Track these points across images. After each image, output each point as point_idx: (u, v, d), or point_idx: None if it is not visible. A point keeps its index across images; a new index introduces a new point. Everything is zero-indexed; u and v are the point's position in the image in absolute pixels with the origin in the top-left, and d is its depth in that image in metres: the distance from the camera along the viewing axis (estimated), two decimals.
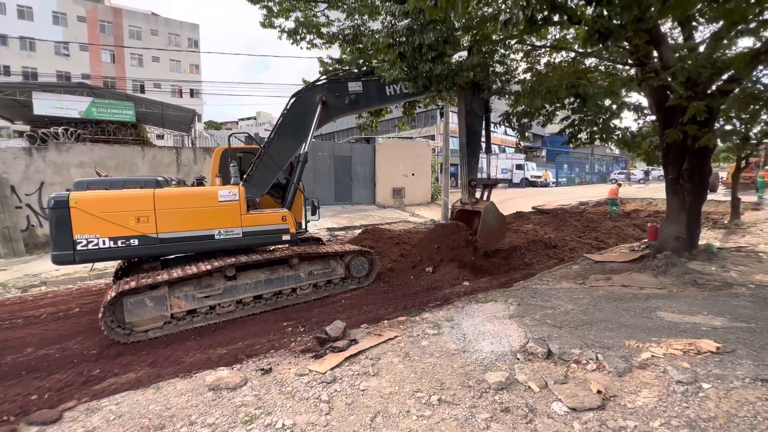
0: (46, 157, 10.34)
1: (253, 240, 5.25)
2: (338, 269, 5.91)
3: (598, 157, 44.97)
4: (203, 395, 2.99)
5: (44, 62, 33.59)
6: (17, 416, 2.96)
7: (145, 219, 4.64)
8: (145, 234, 4.65)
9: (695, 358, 2.87)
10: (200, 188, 5.33)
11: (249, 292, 5.15)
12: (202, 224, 4.91)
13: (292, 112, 5.86)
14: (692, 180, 6.28)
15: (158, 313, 4.58)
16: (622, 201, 17.48)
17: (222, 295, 4.96)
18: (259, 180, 5.57)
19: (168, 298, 4.62)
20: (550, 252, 8.21)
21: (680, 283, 5.22)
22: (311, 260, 5.68)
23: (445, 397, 2.73)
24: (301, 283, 5.55)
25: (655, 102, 6.47)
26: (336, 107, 6.17)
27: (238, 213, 5.05)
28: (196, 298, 4.80)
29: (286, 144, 5.82)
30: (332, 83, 6.19)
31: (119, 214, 4.55)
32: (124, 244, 4.59)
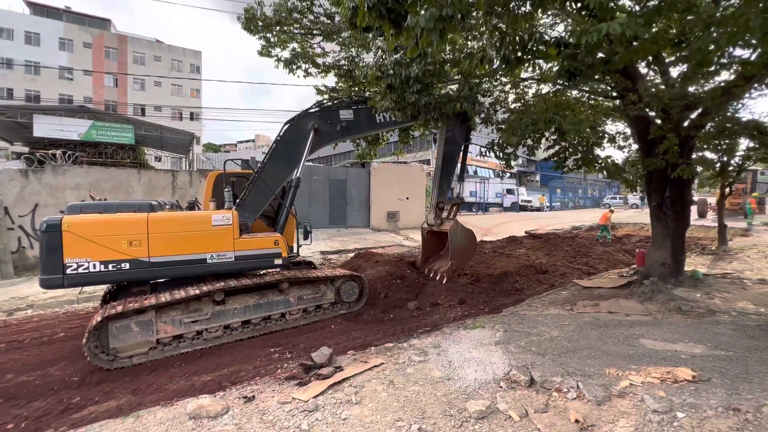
0: (42, 179, 10.43)
1: (246, 264, 5.27)
2: (328, 294, 5.90)
3: (591, 182, 45.77)
4: (183, 424, 2.96)
5: (48, 86, 34.31)
6: None
7: (137, 243, 4.65)
8: (137, 258, 4.66)
9: (672, 386, 2.90)
10: (194, 212, 5.40)
11: (237, 317, 5.12)
12: (194, 248, 4.95)
13: (285, 138, 6.03)
14: (674, 207, 6.46)
15: (144, 339, 4.53)
16: (614, 226, 17.71)
17: (210, 320, 4.93)
18: (251, 204, 5.66)
19: (154, 323, 4.58)
20: (540, 277, 8.26)
21: (665, 309, 5.28)
22: (301, 285, 5.68)
23: (426, 426, 2.73)
24: (291, 308, 5.53)
25: (636, 131, 6.74)
26: (328, 134, 6.38)
27: (231, 237, 5.11)
28: (183, 323, 4.77)
29: (279, 169, 5.95)
30: (324, 111, 6.41)
31: (112, 237, 4.57)
32: (114, 268, 4.58)
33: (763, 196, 20.50)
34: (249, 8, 7.68)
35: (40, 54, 34.30)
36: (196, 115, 40.35)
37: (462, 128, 7.31)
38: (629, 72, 5.67)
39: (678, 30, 4.60)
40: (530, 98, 8.08)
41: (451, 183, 7.68)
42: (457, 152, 7.53)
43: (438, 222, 7.50)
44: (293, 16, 7.76)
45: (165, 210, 5.42)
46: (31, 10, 36.62)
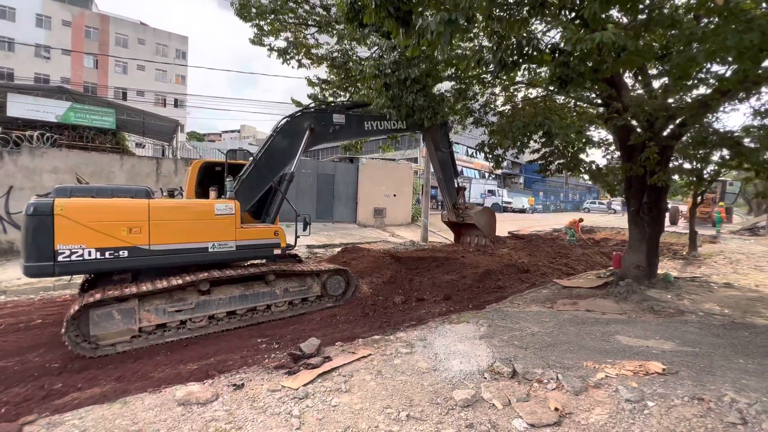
0: (18, 161, 10.01)
1: (246, 253, 5.29)
2: (314, 287, 5.93)
3: (572, 186, 47.10)
4: (172, 410, 2.97)
5: (22, 64, 32.67)
6: None
7: (138, 230, 4.52)
8: (137, 245, 4.53)
9: (643, 378, 3.11)
10: (197, 201, 5.37)
11: (222, 307, 5.08)
12: (196, 237, 4.90)
13: (282, 133, 6.14)
14: (651, 213, 6.78)
15: (126, 327, 4.43)
16: (592, 230, 18.31)
17: (194, 309, 4.86)
18: (244, 194, 5.66)
19: (137, 311, 4.49)
20: (522, 276, 8.51)
21: (639, 309, 5.56)
22: (287, 277, 5.69)
23: (414, 414, 2.84)
24: (276, 300, 5.50)
25: (618, 139, 7.03)
26: (321, 135, 6.60)
27: (234, 226, 5.10)
28: (167, 312, 4.69)
29: (274, 162, 6.03)
30: (320, 112, 6.66)
31: (110, 223, 4.40)
32: (112, 256, 4.41)
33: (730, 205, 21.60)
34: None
35: (15, 30, 32.62)
36: (181, 102, 39.26)
37: (444, 138, 8.54)
38: (615, 82, 5.92)
39: (662, 44, 4.84)
40: (519, 101, 8.30)
41: (454, 184, 9.08)
42: (447, 158, 8.72)
43: (461, 219, 9.14)
44: (288, 5, 7.69)
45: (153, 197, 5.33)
46: None
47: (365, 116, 7.20)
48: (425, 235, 14.13)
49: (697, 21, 4.57)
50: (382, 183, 17.46)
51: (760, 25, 3.10)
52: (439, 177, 8.98)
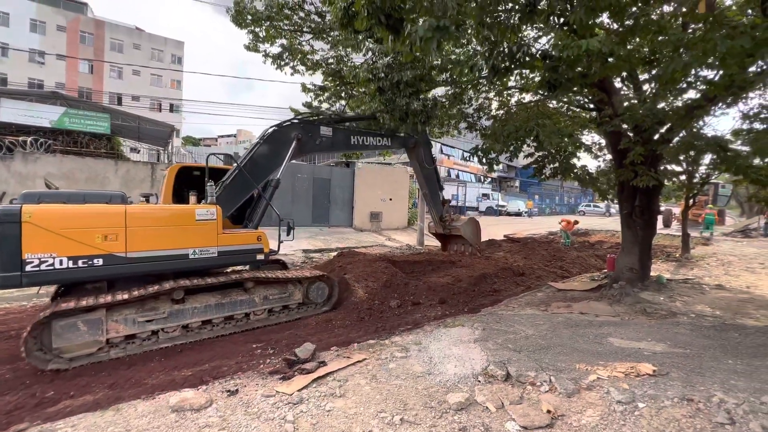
0: (11, 166, 9.98)
1: (228, 260, 5.17)
2: (296, 294, 5.73)
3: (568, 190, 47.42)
4: (166, 417, 2.96)
5: (16, 69, 32.57)
6: None
7: (113, 236, 4.31)
8: (113, 253, 4.31)
9: (635, 380, 3.14)
10: (177, 206, 5.21)
11: (197, 316, 4.85)
12: (176, 243, 4.73)
13: (269, 141, 6.13)
14: (643, 216, 6.87)
15: (91, 338, 4.16)
16: (588, 232, 18.44)
17: (167, 319, 4.63)
18: (226, 200, 5.55)
19: (104, 321, 4.22)
20: (518, 279, 8.56)
21: (632, 311, 5.62)
22: (267, 284, 5.48)
23: (408, 417, 2.85)
24: (255, 308, 5.29)
25: (610, 143, 7.13)
26: (307, 146, 6.64)
27: (215, 232, 4.97)
28: (137, 323, 4.44)
29: (259, 169, 5.97)
30: (307, 124, 6.71)
31: (83, 230, 4.17)
32: (85, 264, 4.17)
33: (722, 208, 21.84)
34: (239, 1, 7.62)
35: (9, 35, 32.53)
36: (177, 107, 39.21)
37: (427, 155, 8.91)
38: (605, 86, 6.01)
39: (650, 49, 4.94)
40: (513, 106, 8.39)
41: (440, 197, 9.44)
42: (431, 173, 9.13)
43: (447, 230, 9.53)
44: (284, 12, 7.75)
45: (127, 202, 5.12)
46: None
47: (352, 131, 7.38)
48: (421, 239, 14.16)
49: (684, 27, 4.67)
50: (378, 187, 17.52)
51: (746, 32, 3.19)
52: (425, 192, 9.38)
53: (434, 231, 9.97)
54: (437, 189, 9.41)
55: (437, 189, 9.41)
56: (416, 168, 9.00)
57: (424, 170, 8.88)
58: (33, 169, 10.19)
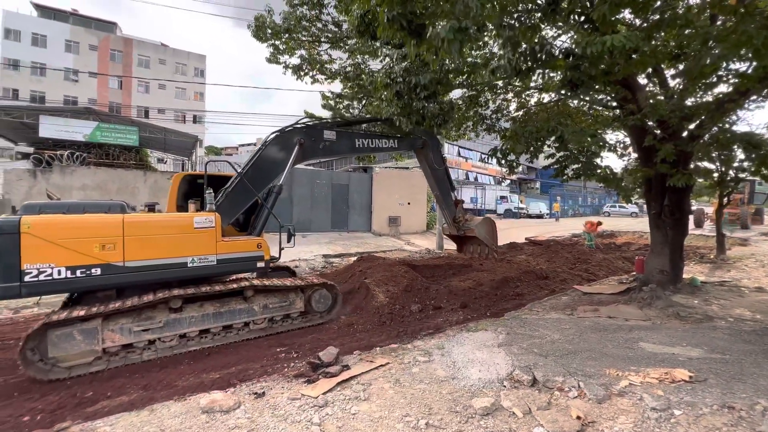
0: (50, 179, 10.58)
1: (228, 267, 5.10)
2: (297, 303, 5.57)
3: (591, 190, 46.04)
4: (197, 417, 3.05)
5: (53, 87, 34.61)
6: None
7: (111, 246, 4.29)
8: (110, 262, 4.29)
9: (669, 386, 3.02)
10: (174, 214, 5.20)
11: (194, 326, 4.78)
12: (174, 251, 4.68)
13: (271, 147, 6.07)
14: (673, 216, 6.60)
15: (87, 348, 4.16)
16: (613, 234, 17.84)
17: (163, 328, 4.58)
18: (228, 208, 5.50)
19: (100, 331, 4.21)
20: (541, 283, 8.37)
21: (664, 315, 5.39)
22: (267, 293, 5.36)
23: (433, 422, 2.83)
24: (255, 317, 5.19)
25: (635, 141, 6.90)
26: (311, 150, 6.53)
27: (214, 240, 4.91)
28: (133, 332, 4.42)
29: (261, 177, 5.89)
30: (310, 128, 6.60)
31: (81, 240, 4.16)
32: (83, 274, 4.16)
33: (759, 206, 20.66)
34: (259, 16, 7.88)
35: (47, 55, 34.66)
36: (200, 118, 40.62)
37: (437, 155, 8.62)
38: (629, 83, 5.85)
39: (677, 44, 4.78)
40: (532, 106, 8.27)
41: (452, 198, 9.21)
42: (443, 175, 8.89)
43: (462, 232, 9.27)
44: (302, 23, 7.96)
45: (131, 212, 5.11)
46: (38, 12, 37.08)
47: (357, 134, 7.22)
48: (440, 243, 14.07)
49: (711, 20, 4.51)
50: (395, 191, 17.55)
51: None
52: (437, 194, 9.12)
53: (448, 233, 9.75)
54: (449, 190, 9.19)
55: (449, 190, 9.19)
56: (426, 170, 8.82)
57: (434, 171, 8.72)
58: (70, 180, 10.77)
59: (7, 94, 32.88)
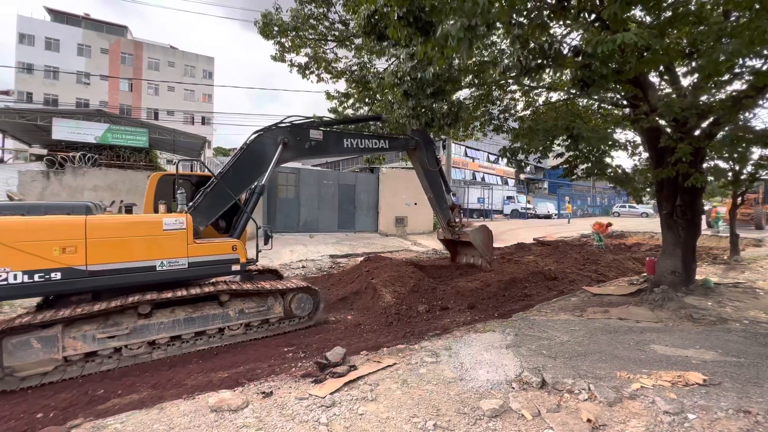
0: (63, 180, 10.77)
1: (200, 271, 4.86)
2: (276, 307, 5.34)
3: (600, 190, 45.49)
4: (206, 416, 3.08)
5: (65, 90, 35.28)
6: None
7: (72, 249, 4.06)
8: (72, 266, 4.06)
9: (683, 389, 2.96)
10: (142, 215, 4.96)
11: (164, 332, 4.54)
12: (141, 255, 4.46)
13: (253, 147, 5.84)
14: (685, 216, 6.48)
15: (46, 356, 3.93)
16: (623, 234, 17.61)
17: (129, 335, 4.36)
18: (206, 209, 5.29)
19: (60, 338, 3.99)
20: (549, 284, 8.29)
21: (676, 317, 5.29)
22: (244, 297, 5.14)
23: (441, 423, 2.81)
24: (230, 323, 4.98)
25: (647, 141, 6.80)
26: (296, 150, 6.27)
27: (185, 242, 4.68)
28: (97, 339, 4.20)
29: (243, 177, 5.67)
30: (295, 127, 6.32)
31: (39, 243, 3.94)
32: (42, 279, 3.94)
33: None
34: (266, 13, 7.91)
35: (59, 59, 35.33)
36: (208, 119, 41.05)
37: (430, 156, 8.31)
38: (640, 82, 5.75)
39: (689, 41, 4.69)
40: (540, 105, 8.20)
41: (446, 201, 8.87)
42: (436, 177, 8.59)
43: (456, 236, 8.88)
44: (309, 22, 7.98)
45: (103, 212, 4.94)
46: (51, 17, 37.81)
47: (345, 133, 6.96)
48: None
49: (725, 16, 4.41)
50: (402, 192, 17.52)
51: None
52: (430, 197, 8.74)
53: (443, 237, 9.32)
54: (443, 192, 8.84)
55: (443, 192, 8.84)
56: (419, 171, 8.47)
57: (428, 173, 8.37)
58: (82, 182, 10.95)
59: (22, 97, 33.60)
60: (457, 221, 8.96)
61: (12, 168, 15.25)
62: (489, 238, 8.91)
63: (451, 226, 8.88)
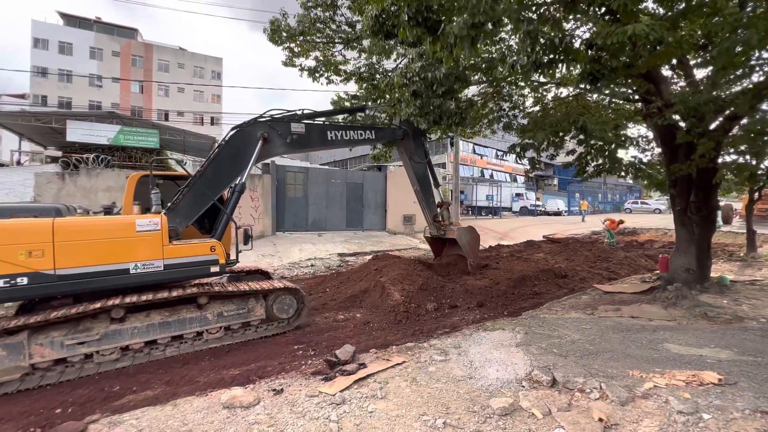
0: (77, 181, 11.00)
1: (177, 273, 4.71)
2: (257, 309, 5.20)
3: (611, 186, 44.78)
4: (218, 413, 3.13)
5: (79, 93, 35.98)
6: (44, 428, 3.14)
7: (39, 253, 3.95)
8: (39, 271, 3.96)
9: (697, 389, 2.91)
10: (113, 217, 4.79)
11: (138, 337, 4.42)
12: (114, 257, 4.32)
13: (231, 144, 5.62)
14: (700, 212, 6.35)
15: (12, 364, 3.86)
16: (635, 231, 17.33)
17: (100, 341, 4.25)
18: (185, 209, 5.13)
19: (26, 345, 3.91)
20: (560, 281, 8.21)
21: (690, 315, 5.20)
22: (223, 299, 5.00)
23: (450, 421, 2.82)
24: (209, 326, 4.84)
25: (660, 136, 6.67)
26: (277, 145, 6.06)
27: (160, 244, 4.54)
28: (65, 346, 4.09)
29: (221, 175, 5.47)
30: (275, 121, 6.09)
31: (4, 247, 3.85)
32: (8, 284, 3.84)
33: None
34: (274, 20, 7.96)
35: (72, 63, 36.04)
36: (217, 119, 41.47)
37: (419, 148, 8.03)
38: (652, 75, 5.64)
39: (703, 32, 4.58)
40: (549, 101, 8.10)
41: (434, 197, 8.54)
42: (424, 170, 8.31)
43: (441, 232, 8.48)
44: (316, 26, 8.01)
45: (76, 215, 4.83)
46: (64, 21, 38.55)
47: (329, 126, 6.75)
48: None
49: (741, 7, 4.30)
50: (410, 190, 17.41)
51: None
52: (416, 189, 8.37)
53: (429, 234, 8.90)
54: (430, 187, 8.43)
55: (430, 187, 8.43)
56: (405, 162, 8.11)
57: (415, 165, 8.03)
58: (95, 183, 11.18)
59: (37, 101, 34.38)
60: (444, 221, 8.53)
61: (29, 170, 15.63)
62: (476, 239, 8.54)
63: (437, 222, 8.50)
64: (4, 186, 14.09)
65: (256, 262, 10.65)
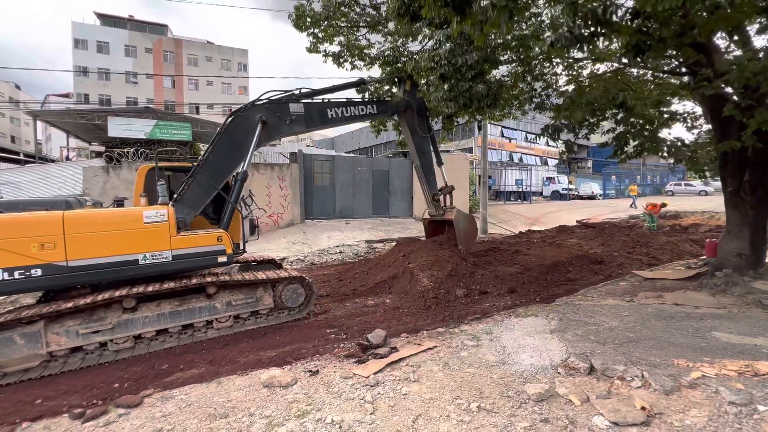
0: (120, 174, 11.66)
1: (185, 264, 4.79)
2: (265, 299, 5.27)
3: (651, 168, 42.12)
4: (259, 391, 3.30)
5: (116, 90, 37.83)
6: (105, 400, 3.44)
7: (51, 245, 4.06)
8: (52, 262, 4.07)
9: (752, 380, 2.74)
10: (121, 209, 4.91)
11: (150, 326, 4.58)
12: (123, 249, 4.44)
13: (230, 130, 5.54)
14: (755, 193, 5.87)
15: (30, 352, 4.02)
16: (678, 215, 16.33)
17: (113, 330, 4.39)
18: (191, 200, 5.14)
19: (43, 334, 4.06)
20: (595, 268, 7.91)
21: (742, 303, 4.88)
22: (232, 288, 5.09)
23: (485, 405, 2.82)
24: (218, 315, 4.94)
25: (709, 111, 6.17)
26: (276, 127, 5.98)
27: (167, 235, 4.64)
28: (80, 335, 4.24)
29: (223, 163, 5.44)
30: (273, 103, 5.97)
31: (17, 240, 3.95)
32: (22, 276, 3.95)
33: None
34: (299, 5, 7.94)
35: (110, 61, 37.81)
36: None
37: (422, 122, 7.71)
38: (703, 45, 5.18)
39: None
40: (585, 79, 7.65)
41: (435, 175, 8.24)
42: (427, 146, 8.01)
43: (440, 213, 8.22)
44: (341, 9, 7.92)
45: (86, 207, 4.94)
46: (100, 21, 40.33)
47: (328, 104, 6.56)
48: (484, 227, 13.72)
49: None
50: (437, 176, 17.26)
51: None
52: (416, 165, 8.11)
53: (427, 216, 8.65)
54: (431, 163, 8.12)
55: (431, 163, 8.12)
56: (407, 135, 7.83)
57: (416, 139, 7.73)
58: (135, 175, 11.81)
59: (80, 99, 36.48)
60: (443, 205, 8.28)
61: (77, 165, 16.74)
62: (473, 228, 8.24)
63: (436, 200, 8.26)
64: (59, 180, 15.19)
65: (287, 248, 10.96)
